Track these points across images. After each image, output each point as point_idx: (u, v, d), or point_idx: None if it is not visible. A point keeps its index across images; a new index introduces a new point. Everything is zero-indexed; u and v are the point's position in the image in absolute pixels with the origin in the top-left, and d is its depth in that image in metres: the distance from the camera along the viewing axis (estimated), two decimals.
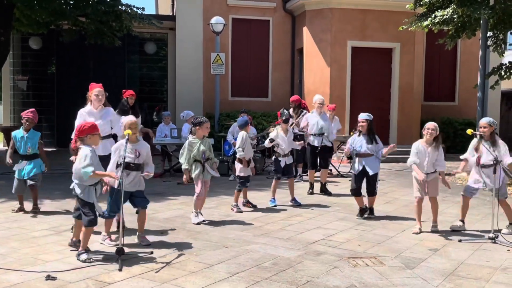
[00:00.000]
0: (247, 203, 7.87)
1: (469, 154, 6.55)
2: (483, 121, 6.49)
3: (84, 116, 6.38)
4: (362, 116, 7.17)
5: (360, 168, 7.13)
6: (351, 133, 7.26)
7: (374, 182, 7.20)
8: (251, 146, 7.85)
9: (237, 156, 7.64)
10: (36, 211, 7.22)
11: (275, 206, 7.98)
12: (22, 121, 7.33)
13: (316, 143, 9.17)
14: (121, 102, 8.57)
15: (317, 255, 5.39)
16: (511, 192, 9.50)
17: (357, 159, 7.17)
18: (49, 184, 9.10)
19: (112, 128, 6.63)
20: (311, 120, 9.28)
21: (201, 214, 6.87)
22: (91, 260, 5.00)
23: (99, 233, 5.71)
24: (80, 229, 5.26)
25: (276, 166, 8.14)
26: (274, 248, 5.65)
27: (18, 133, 7.33)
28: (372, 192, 7.24)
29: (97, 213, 5.17)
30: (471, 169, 6.60)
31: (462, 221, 6.66)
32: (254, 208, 7.78)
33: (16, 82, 17.15)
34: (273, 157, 8.26)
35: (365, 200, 7.37)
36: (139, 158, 5.57)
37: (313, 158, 9.30)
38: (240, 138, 7.62)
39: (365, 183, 7.24)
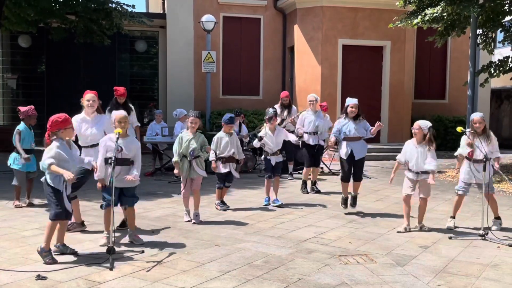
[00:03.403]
0: (219, 204, 7.62)
1: (462, 150, 6.53)
2: (477, 116, 6.43)
3: (77, 124, 6.31)
4: (353, 101, 7.27)
5: (349, 151, 7.23)
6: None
7: (362, 166, 7.34)
8: (241, 145, 7.71)
9: (209, 158, 7.43)
10: (32, 203, 7.73)
11: (267, 205, 7.91)
12: (25, 116, 7.63)
13: (311, 142, 9.16)
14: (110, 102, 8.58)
15: (308, 253, 5.40)
16: (505, 188, 9.59)
17: (344, 143, 7.25)
18: (39, 183, 9.01)
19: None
20: (307, 119, 9.27)
21: (190, 213, 6.83)
22: (51, 261, 4.84)
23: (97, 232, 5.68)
24: (64, 231, 5.18)
25: (266, 165, 8.05)
26: (266, 246, 5.66)
27: (24, 128, 7.64)
28: (359, 177, 7.36)
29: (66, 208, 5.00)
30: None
31: (454, 217, 6.68)
32: (226, 210, 7.51)
33: (5, 80, 17.04)
34: (263, 156, 8.20)
35: (350, 187, 7.45)
36: (122, 152, 5.39)
37: (309, 156, 9.26)
38: (212, 141, 7.48)
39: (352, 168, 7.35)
